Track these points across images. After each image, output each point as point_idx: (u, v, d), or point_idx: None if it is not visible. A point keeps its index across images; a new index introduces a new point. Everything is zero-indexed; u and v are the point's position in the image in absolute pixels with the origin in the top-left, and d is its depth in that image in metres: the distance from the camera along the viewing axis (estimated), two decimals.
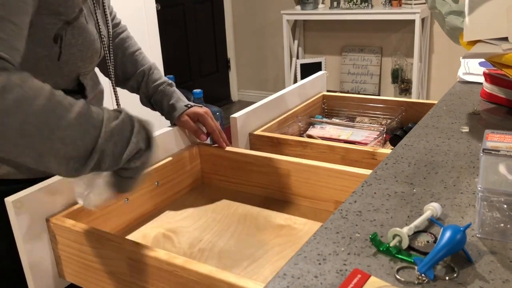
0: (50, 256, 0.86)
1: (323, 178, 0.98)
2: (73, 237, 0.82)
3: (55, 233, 0.84)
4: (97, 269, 0.81)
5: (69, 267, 0.86)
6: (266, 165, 1.05)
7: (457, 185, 0.72)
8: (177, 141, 1.13)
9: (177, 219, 1.02)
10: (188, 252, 0.89)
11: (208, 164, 1.16)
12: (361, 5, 3.71)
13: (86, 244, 0.80)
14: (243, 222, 0.99)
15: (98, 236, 0.78)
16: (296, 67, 4.17)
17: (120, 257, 0.76)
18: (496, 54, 0.83)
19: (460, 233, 0.54)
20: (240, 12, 4.55)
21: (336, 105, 1.53)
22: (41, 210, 0.83)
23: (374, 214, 0.65)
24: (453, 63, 3.68)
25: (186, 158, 1.13)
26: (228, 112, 4.23)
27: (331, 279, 0.52)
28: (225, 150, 1.11)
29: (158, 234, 0.97)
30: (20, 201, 0.79)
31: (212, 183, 1.17)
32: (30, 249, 0.82)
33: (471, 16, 0.86)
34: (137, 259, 0.74)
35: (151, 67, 1.15)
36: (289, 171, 1.02)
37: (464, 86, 1.25)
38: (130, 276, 0.76)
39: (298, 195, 1.04)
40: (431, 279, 0.51)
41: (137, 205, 1.01)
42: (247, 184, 1.11)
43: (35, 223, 0.83)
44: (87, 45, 0.87)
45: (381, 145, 1.26)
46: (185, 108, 1.10)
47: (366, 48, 3.99)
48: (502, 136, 0.75)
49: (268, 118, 1.29)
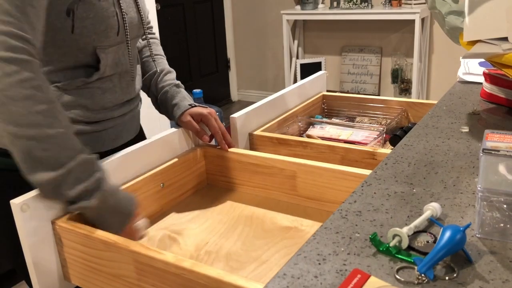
0: (55, 259, 0.86)
1: (329, 180, 0.97)
2: (79, 240, 0.81)
3: (61, 236, 0.83)
4: (103, 272, 0.80)
5: (75, 269, 0.85)
6: (271, 166, 1.05)
7: (457, 185, 0.72)
8: (181, 142, 1.12)
9: (183, 221, 1.02)
10: (195, 254, 0.89)
11: (213, 165, 1.16)
12: (361, 5, 3.71)
13: (92, 246, 0.80)
14: (249, 224, 0.98)
15: (104, 238, 0.77)
16: (296, 67, 4.17)
17: (127, 260, 0.75)
18: (496, 54, 0.83)
19: (460, 233, 0.54)
20: (240, 12, 4.55)
21: (336, 105, 1.53)
22: (46, 212, 0.83)
23: (374, 214, 0.65)
24: (453, 63, 3.68)
25: (191, 160, 1.13)
26: (228, 112, 4.23)
27: (331, 279, 0.52)
28: (230, 151, 1.11)
29: (164, 236, 0.96)
30: (26, 203, 0.78)
31: (217, 184, 1.17)
32: (35, 251, 0.82)
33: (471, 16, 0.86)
34: (144, 262, 0.73)
35: (164, 69, 1.16)
36: (295, 173, 1.02)
37: (464, 86, 1.25)
38: (136, 279, 0.76)
39: (304, 196, 1.03)
40: (431, 279, 0.51)
41: (142, 207, 1.00)
42: (252, 185, 1.10)
43: (40, 226, 0.82)
44: (99, 20, 0.90)
45: (381, 145, 1.26)
46: (188, 107, 1.10)
47: (366, 48, 3.99)
48: (502, 136, 0.75)
49: (268, 118, 1.29)
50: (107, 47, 0.94)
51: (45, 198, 0.80)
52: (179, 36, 4.07)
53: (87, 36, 0.89)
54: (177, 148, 1.11)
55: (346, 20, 3.95)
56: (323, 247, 0.58)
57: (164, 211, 1.06)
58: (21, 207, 0.78)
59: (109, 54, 0.95)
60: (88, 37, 0.90)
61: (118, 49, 0.97)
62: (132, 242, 0.76)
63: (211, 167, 1.16)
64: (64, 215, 0.85)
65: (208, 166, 1.17)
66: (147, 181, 1.01)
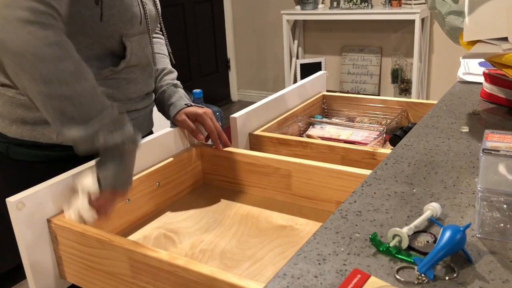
0: (51, 257, 0.86)
1: (324, 179, 0.98)
2: (74, 238, 0.82)
3: (56, 234, 0.84)
4: (98, 270, 0.81)
5: (70, 267, 0.86)
6: (267, 165, 1.05)
7: (457, 185, 0.72)
8: (177, 142, 1.13)
9: (178, 220, 1.02)
10: (190, 252, 0.89)
11: (209, 164, 1.16)
12: (361, 5, 3.71)
13: (87, 244, 0.80)
14: (244, 223, 0.99)
15: (99, 236, 0.78)
16: (296, 67, 4.17)
17: (121, 258, 0.76)
18: (496, 54, 0.83)
19: (460, 233, 0.54)
20: (240, 12, 4.55)
21: (336, 105, 1.53)
22: (42, 210, 0.83)
23: (374, 214, 0.65)
24: (453, 63, 3.68)
25: (187, 159, 1.13)
26: (228, 112, 4.23)
27: (331, 279, 0.52)
28: (225, 151, 1.11)
29: (159, 235, 0.96)
30: (21, 201, 0.79)
31: (213, 183, 1.17)
32: (31, 249, 0.82)
33: (471, 16, 0.86)
34: (138, 259, 0.73)
35: (165, 68, 1.18)
36: (290, 172, 1.02)
37: (464, 86, 1.25)
38: (131, 277, 0.76)
39: (299, 195, 1.03)
40: (431, 279, 0.51)
41: (138, 205, 1.01)
42: (247, 184, 1.11)
43: (36, 224, 0.83)
44: (125, 8, 0.95)
45: (381, 145, 1.26)
46: (183, 106, 1.11)
47: (366, 48, 3.99)
48: (502, 136, 0.75)
49: (268, 118, 1.29)
50: (132, 36, 0.99)
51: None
52: (179, 36, 4.07)
53: (114, 23, 0.94)
54: (173, 147, 1.11)
55: (346, 20, 3.95)
56: (323, 247, 0.58)
57: (159, 210, 1.06)
58: (17, 205, 0.79)
59: (134, 43, 1.00)
60: (115, 24, 0.94)
61: (141, 38, 1.02)
62: (127, 240, 0.76)
63: (207, 167, 1.17)
64: (60, 213, 0.85)
65: (204, 166, 1.17)
66: (143, 180, 1.01)
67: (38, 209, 0.83)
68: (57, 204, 0.86)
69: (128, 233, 0.98)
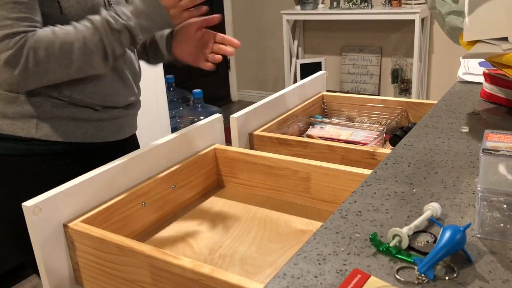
0: (67, 263, 0.84)
1: (345, 182, 0.95)
2: (92, 243, 0.79)
3: (73, 239, 0.82)
4: (117, 277, 0.79)
5: (87, 274, 0.84)
6: (285, 168, 1.03)
7: (457, 185, 0.72)
8: (193, 144, 1.11)
9: (195, 223, 1.00)
10: (209, 258, 0.87)
11: (224, 167, 1.14)
12: (361, 5, 3.71)
13: (106, 250, 0.78)
14: (263, 227, 0.96)
15: (118, 242, 0.75)
16: (296, 67, 4.17)
17: (142, 265, 0.73)
18: (496, 54, 0.83)
19: (460, 233, 0.54)
20: (240, 12, 4.55)
21: (336, 105, 1.53)
22: (58, 215, 0.82)
23: (374, 214, 0.65)
24: (453, 63, 3.68)
25: (202, 161, 1.11)
26: (228, 112, 4.23)
27: (331, 279, 0.52)
28: (242, 152, 1.08)
29: (177, 239, 0.94)
30: (38, 206, 0.77)
31: (229, 186, 1.15)
32: (47, 255, 0.81)
33: (471, 16, 0.86)
34: (160, 266, 0.71)
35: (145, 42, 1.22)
36: (309, 175, 1.00)
37: (464, 86, 1.25)
38: (152, 284, 0.74)
39: (318, 199, 1.01)
40: (431, 279, 0.51)
41: (154, 209, 0.98)
42: (265, 187, 1.08)
43: (52, 229, 0.81)
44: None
45: (381, 145, 1.26)
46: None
47: (366, 48, 4.00)
48: (502, 136, 0.75)
49: (268, 118, 1.29)
50: None
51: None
52: None
53: (76, 14, 0.94)
54: (188, 149, 1.09)
55: (346, 20, 3.95)
56: (323, 247, 0.58)
57: (176, 213, 1.04)
58: (33, 210, 0.77)
59: None
60: (78, 15, 0.94)
61: None
62: (148, 246, 0.73)
63: (223, 169, 1.14)
64: (77, 218, 0.84)
65: (219, 168, 1.15)
66: (158, 182, 0.99)
67: (54, 214, 0.81)
68: (74, 208, 0.84)
69: (145, 237, 0.95)
